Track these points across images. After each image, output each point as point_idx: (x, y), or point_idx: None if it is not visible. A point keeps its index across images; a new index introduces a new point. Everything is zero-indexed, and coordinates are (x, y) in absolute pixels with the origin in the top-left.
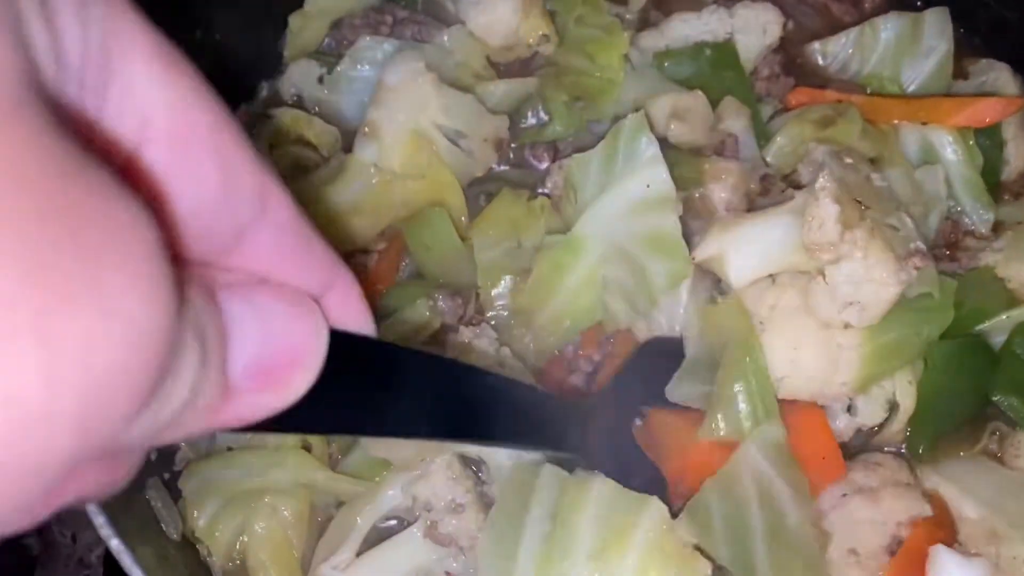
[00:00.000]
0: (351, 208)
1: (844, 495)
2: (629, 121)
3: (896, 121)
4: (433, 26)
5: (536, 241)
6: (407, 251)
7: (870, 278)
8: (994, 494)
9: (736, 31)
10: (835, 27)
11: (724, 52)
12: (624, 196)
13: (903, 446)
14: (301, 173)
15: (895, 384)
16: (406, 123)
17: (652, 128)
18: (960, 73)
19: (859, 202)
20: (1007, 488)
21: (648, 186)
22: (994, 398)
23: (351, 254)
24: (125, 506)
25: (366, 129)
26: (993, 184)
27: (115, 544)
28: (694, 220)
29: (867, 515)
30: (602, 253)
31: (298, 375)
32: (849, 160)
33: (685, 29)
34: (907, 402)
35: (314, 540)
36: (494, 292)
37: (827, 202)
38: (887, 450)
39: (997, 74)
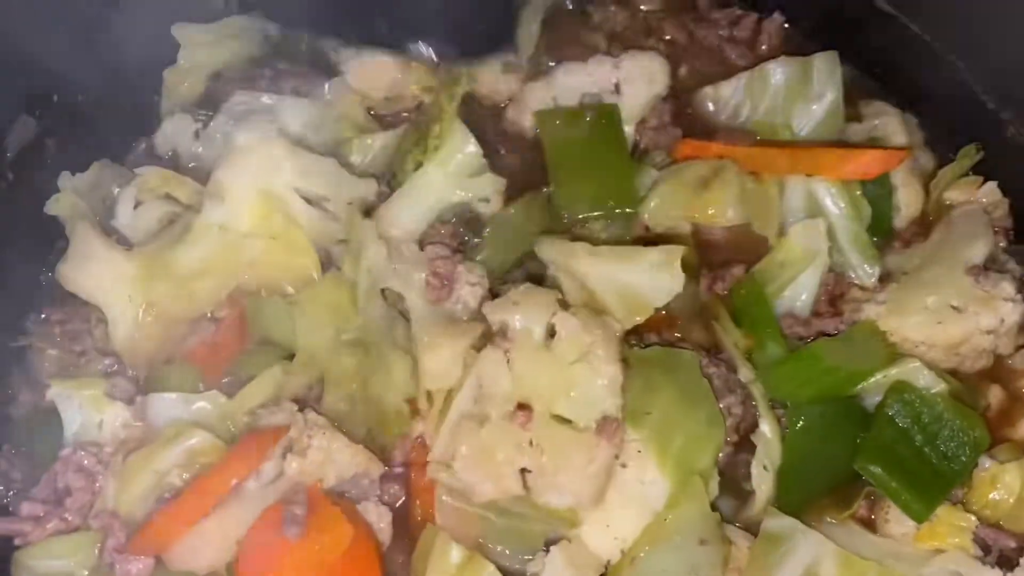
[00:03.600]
0: (198, 270)
1: None
2: None
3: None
4: (315, 78)
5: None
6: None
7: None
8: None
9: (622, 81)
10: (729, 71)
11: (604, 115)
12: None
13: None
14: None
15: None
16: (254, 185)
17: None
18: (854, 115)
19: None
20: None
21: None
22: (856, 466)
23: (198, 320)
24: None
25: (211, 189)
26: (885, 232)
27: None
28: None
29: None
30: None
31: None
32: None
33: (571, 80)
34: (764, 487)
35: None
36: None
37: None
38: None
39: (887, 119)
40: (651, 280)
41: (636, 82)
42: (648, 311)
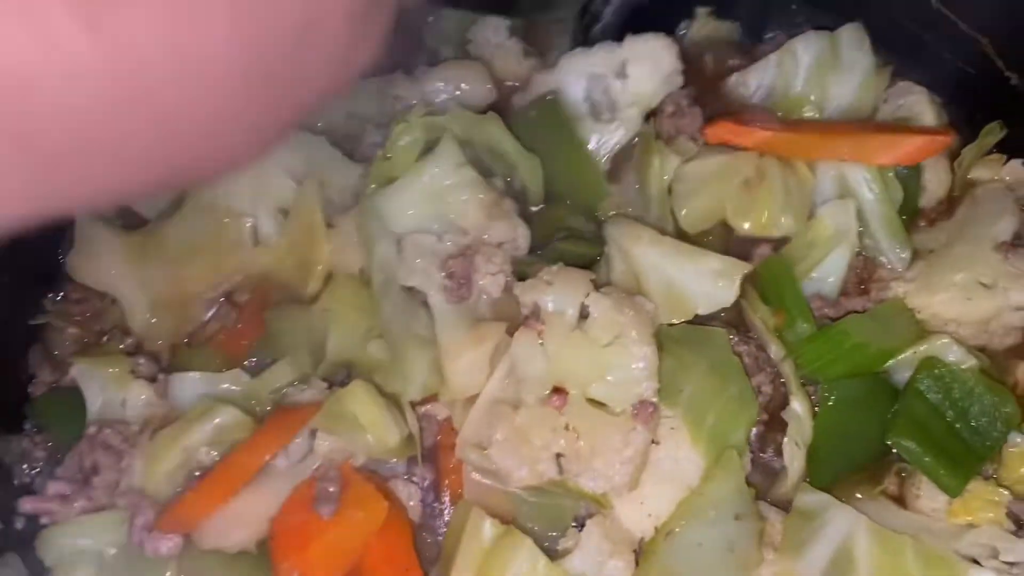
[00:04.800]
0: (188, 249)
1: None
2: None
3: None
4: None
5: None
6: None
7: None
8: None
9: (628, 62)
10: (755, 55)
11: (546, 108)
12: None
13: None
14: None
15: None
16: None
17: None
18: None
19: None
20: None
21: None
22: (888, 441)
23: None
24: None
25: None
26: (911, 212)
27: None
28: None
29: None
30: None
31: None
32: None
33: (575, 65)
34: (796, 464)
35: None
36: None
37: None
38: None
39: (915, 98)
40: (703, 286)
41: (642, 62)
42: (689, 315)
